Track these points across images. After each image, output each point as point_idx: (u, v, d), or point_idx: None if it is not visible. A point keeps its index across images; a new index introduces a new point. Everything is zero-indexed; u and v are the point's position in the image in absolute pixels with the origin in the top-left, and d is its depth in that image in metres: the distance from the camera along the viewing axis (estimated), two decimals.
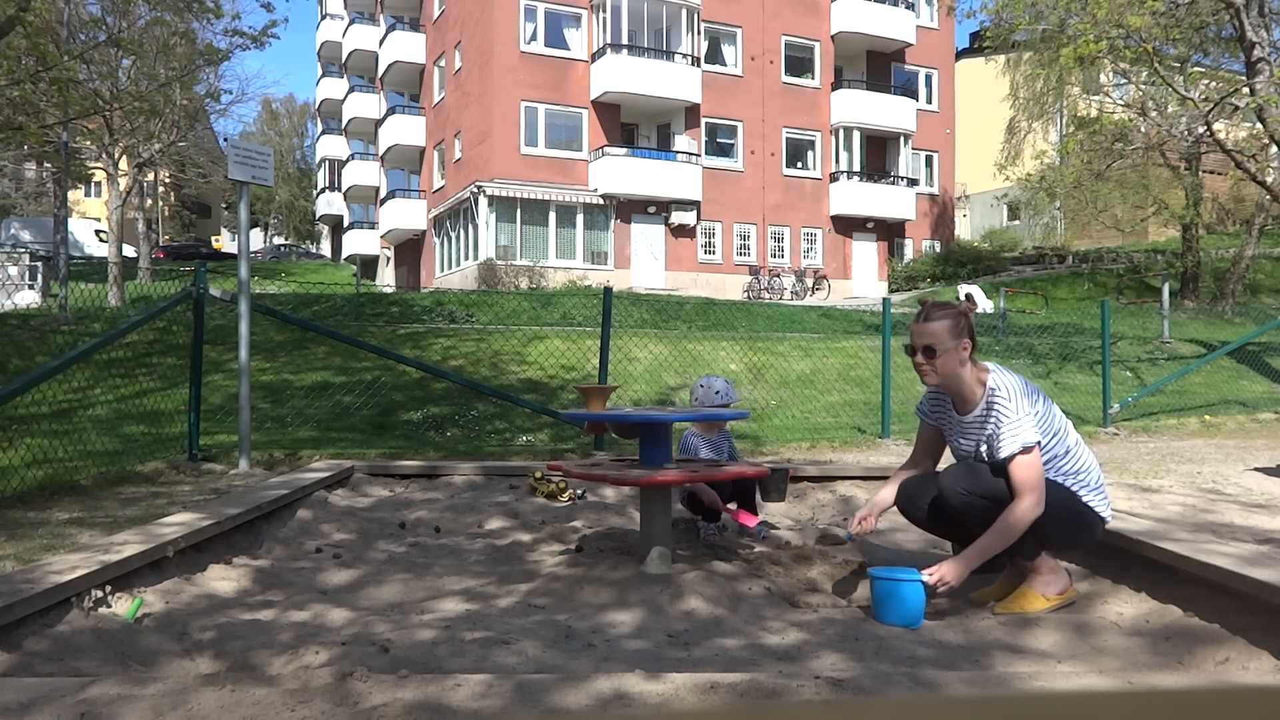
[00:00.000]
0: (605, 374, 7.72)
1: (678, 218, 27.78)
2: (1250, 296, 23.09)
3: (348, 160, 41.22)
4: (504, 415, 9.09)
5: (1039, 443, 2.96)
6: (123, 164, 21.55)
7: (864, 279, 30.48)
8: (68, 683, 1.98)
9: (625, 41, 27.04)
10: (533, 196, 26.74)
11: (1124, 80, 16.12)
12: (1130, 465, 6.37)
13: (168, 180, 42.55)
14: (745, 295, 26.87)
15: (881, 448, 7.77)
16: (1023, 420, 2.95)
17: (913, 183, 30.71)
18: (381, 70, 36.85)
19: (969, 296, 3.17)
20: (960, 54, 34.46)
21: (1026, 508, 2.90)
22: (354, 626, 2.76)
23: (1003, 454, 2.95)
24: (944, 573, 2.91)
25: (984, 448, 3.08)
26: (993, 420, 3.01)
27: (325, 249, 54.17)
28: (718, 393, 4.24)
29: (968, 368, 3.08)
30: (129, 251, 30.08)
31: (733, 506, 4.17)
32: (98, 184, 43.48)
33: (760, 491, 4.21)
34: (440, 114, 32.15)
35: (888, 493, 3.29)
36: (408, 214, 33.79)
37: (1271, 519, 4.21)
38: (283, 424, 8.31)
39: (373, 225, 39.83)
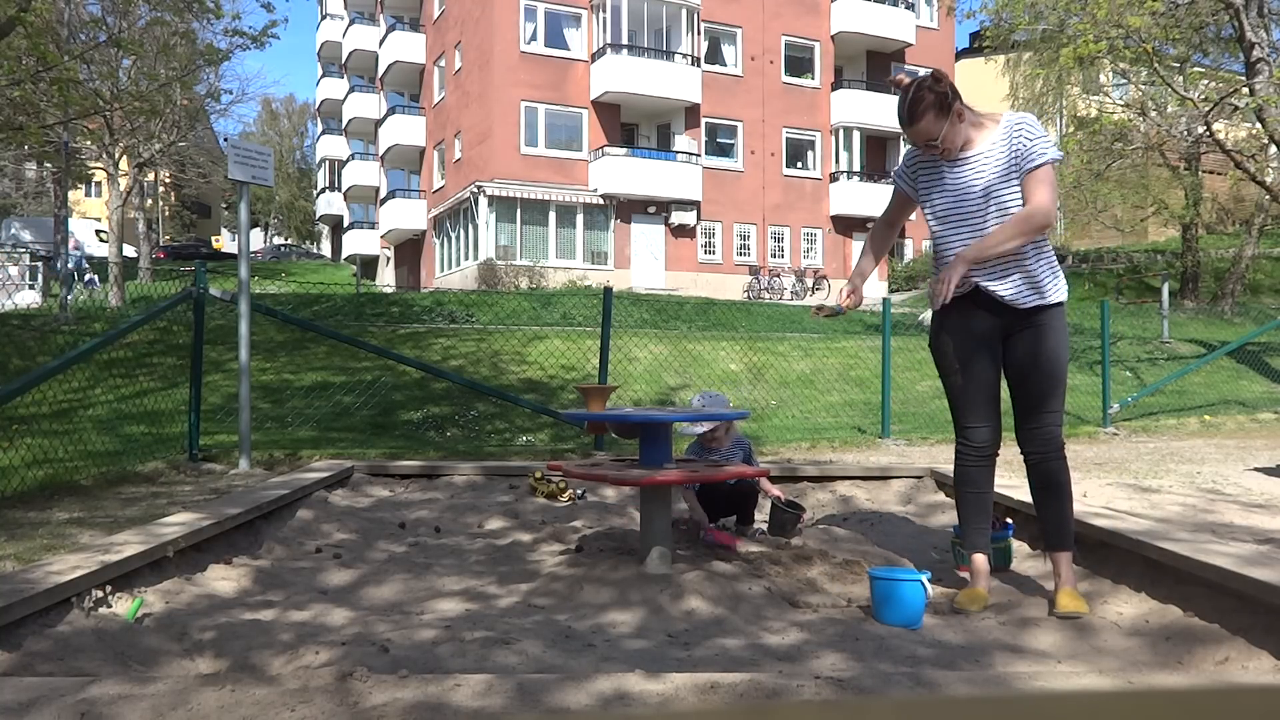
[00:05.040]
0: (605, 374, 7.72)
1: (678, 218, 27.78)
2: (1250, 296, 23.09)
3: (348, 160, 41.21)
4: (504, 415, 9.09)
5: (1060, 160, 2.98)
6: (123, 164, 21.54)
7: None
8: (68, 682, 1.98)
9: (625, 41, 27.04)
10: (533, 196, 26.74)
11: (1124, 80, 16.12)
12: (1130, 465, 6.36)
13: (168, 180, 42.54)
14: (745, 295, 26.87)
15: (881, 448, 7.77)
16: (1050, 137, 2.96)
17: None
18: (381, 70, 36.85)
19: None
20: (960, 54, 34.46)
21: (1040, 218, 2.89)
22: (354, 626, 2.76)
23: (1041, 160, 2.89)
24: (943, 274, 2.96)
25: (994, 187, 2.98)
26: (1022, 136, 2.94)
27: (325, 249, 54.16)
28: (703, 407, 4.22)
29: (970, 115, 3.01)
30: (129, 251, 30.08)
31: (713, 525, 4.16)
32: (98, 184, 43.49)
33: (770, 525, 4.20)
34: (440, 114, 32.15)
35: (866, 262, 3.41)
36: (408, 214, 33.79)
37: (1271, 519, 4.21)
38: (283, 424, 8.31)
39: (373, 225, 39.82)
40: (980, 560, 3.14)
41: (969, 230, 3.03)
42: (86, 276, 20.49)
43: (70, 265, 19.57)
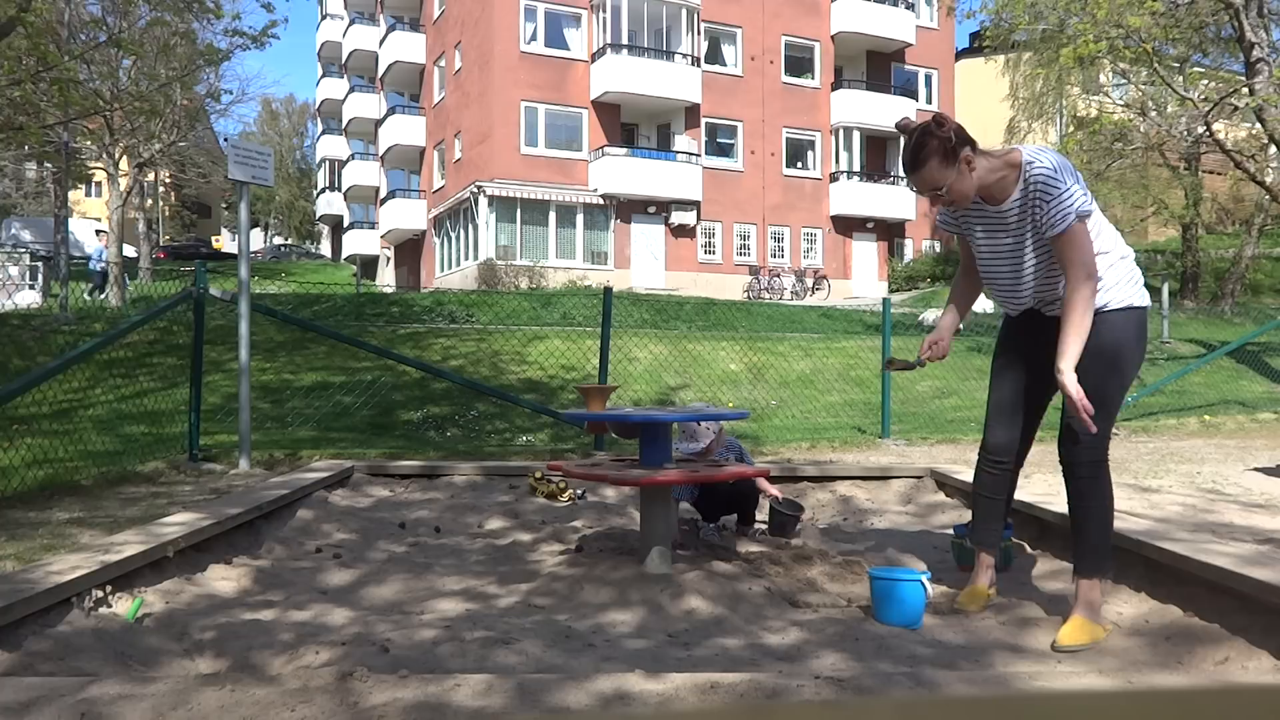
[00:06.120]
0: (605, 374, 7.72)
1: (678, 218, 27.78)
2: (1250, 296, 23.10)
3: (348, 160, 41.23)
4: (504, 415, 9.09)
5: (1090, 213, 2.70)
6: (123, 164, 21.50)
7: (864, 279, 30.48)
8: (68, 682, 1.98)
9: (625, 41, 27.04)
10: (533, 196, 26.75)
11: (1124, 80, 16.12)
12: (1130, 465, 6.36)
13: (168, 180, 42.51)
14: (745, 295, 26.87)
15: (881, 448, 7.77)
16: (1072, 190, 2.67)
17: None
18: (381, 70, 36.86)
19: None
20: (960, 54, 34.47)
21: (1085, 283, 2.65)
22: (354, 626, 2.76)
23: (1057, 229, 2.66)
24: (1078, 399, 2.62)
25: (1026, 240, 2.80)
26: (1037, 197, 2.71)
27: (325, 249, 54.16)
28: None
29: (985, 164, 2.78)
30: (129, 251, 30.07)
31: (713, 525, 4.27)
32: (98, 184, 43.45)
33: (769, 526, 4.22)
34: (440, 114, 32.16)
35: (950, 314, 3.15)
36: (408, 214, 33.80)
37: (1271, 519, 4.21)
38: (283, 424, 8.31)
39: (373, 225, 39.84)
40: (985, 557, 3.12)
41: (1011, 280, 2.91)
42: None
43: (100, 265, 19.87)
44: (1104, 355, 2.74)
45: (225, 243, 54.08)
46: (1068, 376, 2.64)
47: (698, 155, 27.98)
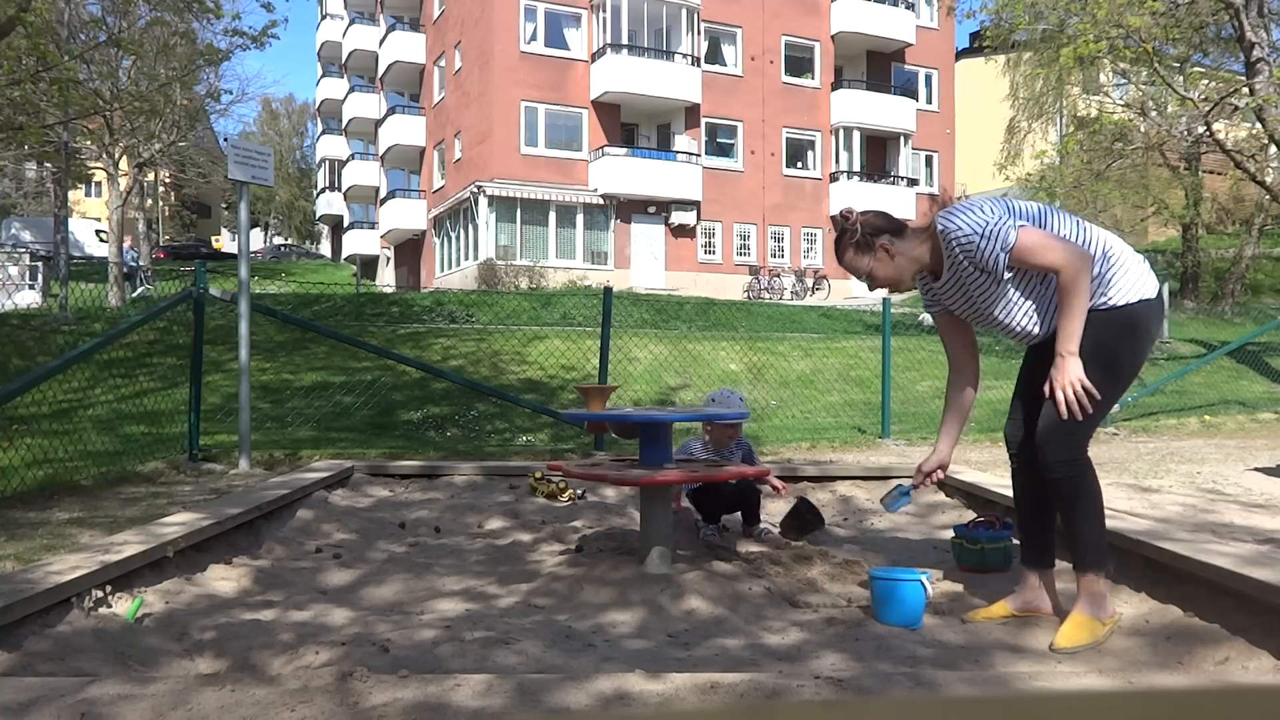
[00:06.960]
0: (605, 374, 7.72)
1: (678, 218, 27.78)
2: (1250, 296, 23.10)
3: (348, 160, 41.23)
4: (504, 415, 9.09)
5: (1022, 226, 2.64)
6: (123, 164, 21.52)
7: None
8: (68, 683, 1.98)
9: (625, 41, 27.04)
10: (533, 196, 26.75)
11: (1124, 80, 16.11)
12: (1130, 465, 6.36)
13: (168, 180, 42.53)
14: (745, 295, 26.86)
15: (881, 448, 7.76)
16: (984, 229, 2.63)
17: (913, 183, 30.71)
18: (381, 70, 36.87)
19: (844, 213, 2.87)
20: (960, 54, 34.47)
21: (1066, 271, 2.58)
22: (354, 626, 2.76)
23: (1000, 267, 2.65)
24: (1071, 384, 2.59)
25: (976, 294, 2.78)
26: (961, 255, 2.69)
27: (325, 249, 54.18)
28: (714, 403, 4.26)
29: (914, 244, 2.82)
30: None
31: (714, 525, 4.26)
32: (98, 184, 43.44)
33: (789, 517, 4.22)
34: (440, 114, 32.16)
35: (947, 427, 3.12)
36: (408, 214, 33.81)
37: (1271, 519, 4.21)
38: (283, 424, 8.31)
39: (373, 225, 39.85)
40: (1027, 575, 2.95)
41: (1014, 328, 2.85)
42: (147, 275, 21.11)
43: (129, 266, 20.05)
44: (1099, 357, 2.68)
45: (225, 243, 54.11)
46: (1072, 362, 2.61)
47: (698, 155, 27.98)
